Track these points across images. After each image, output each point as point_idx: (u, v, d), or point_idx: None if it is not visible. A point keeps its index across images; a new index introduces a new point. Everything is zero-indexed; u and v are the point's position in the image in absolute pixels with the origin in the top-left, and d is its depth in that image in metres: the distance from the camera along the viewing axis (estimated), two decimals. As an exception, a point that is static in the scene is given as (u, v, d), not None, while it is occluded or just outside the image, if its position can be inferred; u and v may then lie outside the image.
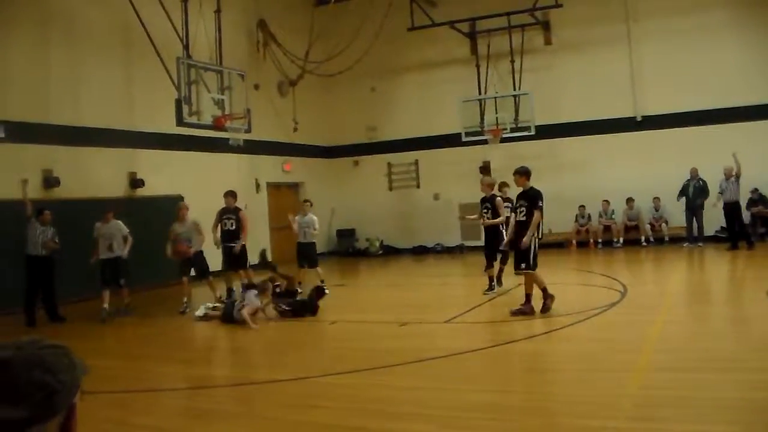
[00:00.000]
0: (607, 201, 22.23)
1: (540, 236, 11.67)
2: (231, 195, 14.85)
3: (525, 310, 11.16)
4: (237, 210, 14.77)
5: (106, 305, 13.34)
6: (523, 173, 11.59)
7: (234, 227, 14.59)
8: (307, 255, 15.63)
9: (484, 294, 13.47)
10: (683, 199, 20.55)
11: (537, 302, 11.20)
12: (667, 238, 21.39)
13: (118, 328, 12.09)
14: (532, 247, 11.24)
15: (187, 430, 6.54)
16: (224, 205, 14.77)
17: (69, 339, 1.75)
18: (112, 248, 13.79)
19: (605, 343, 9.19)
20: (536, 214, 11.26)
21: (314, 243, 15.85)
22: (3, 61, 15.08)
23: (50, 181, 15.71)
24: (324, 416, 6.62)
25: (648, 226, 21.85)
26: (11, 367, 1.56)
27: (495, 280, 13.91)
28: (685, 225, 20.77)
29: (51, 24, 16.20)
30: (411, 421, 6.26)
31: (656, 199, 21.60)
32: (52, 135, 15.77)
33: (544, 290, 11.33)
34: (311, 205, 15.99)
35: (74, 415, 1.65)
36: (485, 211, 13.74)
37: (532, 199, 11.36)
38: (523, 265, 11.37)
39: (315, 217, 15.66)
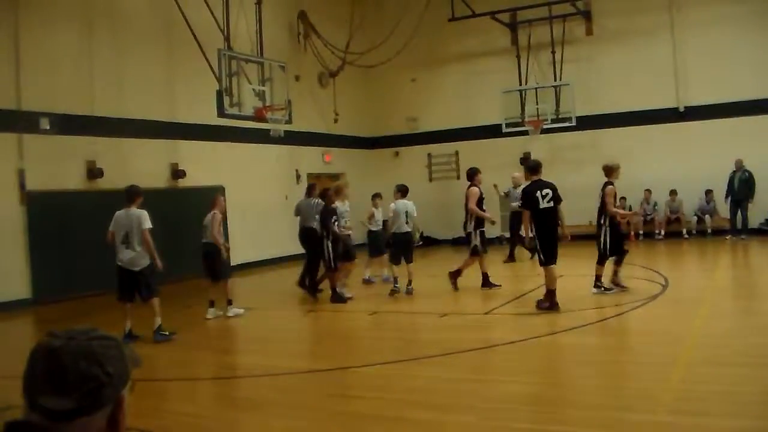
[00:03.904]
0: (649, 191, 21.94)
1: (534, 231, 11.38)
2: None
3: (543, 305, 11.10)
4: None
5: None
6: (527, 168, 11.92)
7: None
8: (404, 248, 13.54)
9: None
10: (727, 188, 20.27)
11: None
12: (710, 231, 21.10)
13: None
14: (537, 243, 11.24)
15: (227, 419, 6.62)
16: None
17: (108, 326, 1.77)
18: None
19: (646, 336, 9.12)
20: (524, 211, 11.40)
21: (411, 233, 13.77)
22: (48, 54, 15.31)
23: (94, 172, 15.94)
24: (363, 406, 6.66)
25: (694, 218, 21.49)
26: (59, 356, 1.59)
27: (600, 280, 12.35)
28: (728, 217, 20.48)
29: (95, 18, 16.41)
30: (450, 413, 6.27)
31: (710, 191, 21.13)
32: (96, 127, 16.01)
33: (548, 291, 11.15)
34: (406, 191, 13.85)
35: (123, 407, 1.68)
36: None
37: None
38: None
39: (411, 203, 13.74)
